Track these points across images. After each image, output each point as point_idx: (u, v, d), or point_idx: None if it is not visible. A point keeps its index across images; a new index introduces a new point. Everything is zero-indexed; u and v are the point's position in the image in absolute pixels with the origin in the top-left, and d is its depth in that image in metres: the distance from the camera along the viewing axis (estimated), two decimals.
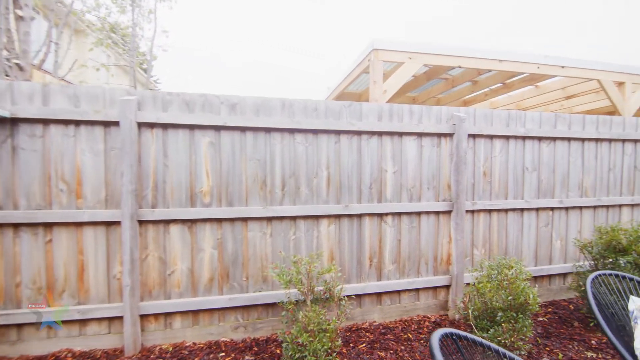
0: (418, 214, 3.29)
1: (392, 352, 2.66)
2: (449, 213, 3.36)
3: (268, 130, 2.91)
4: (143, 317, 2.70)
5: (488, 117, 3.45)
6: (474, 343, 1.26)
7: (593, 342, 2.82)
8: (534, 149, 3.62)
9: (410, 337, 2.90)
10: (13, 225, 2.49)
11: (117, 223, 2.63)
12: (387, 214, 3.20)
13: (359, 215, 3.14)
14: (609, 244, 2.99)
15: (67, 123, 2.55)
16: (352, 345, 2.74)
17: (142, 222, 2.68)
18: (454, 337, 1.21)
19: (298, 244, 3.01)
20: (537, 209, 3.66)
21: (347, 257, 3.12)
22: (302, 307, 2.54)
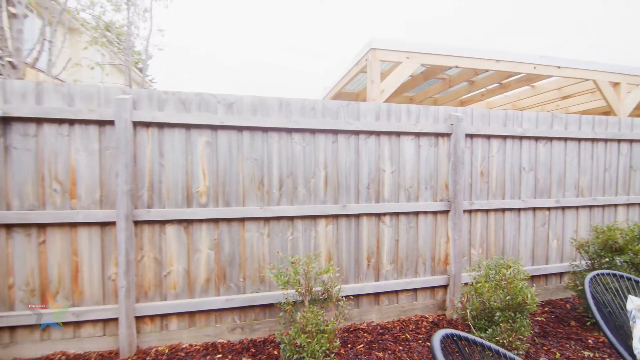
0: (416, 214, 3.28)
1: (390, 352, 2.65)
2: (447, 213, 3.36)
3: (265, 130, 2.89)
4: (139, 318, 2.67)
5: (485, 117, 3.45)
6: (475, 344, 1.25)
7: (590, 341, 2.83)
8: (531, 149, 3.63)
9: (409, 337, 2.89)
10: (6, 226, 2.45)
11: (112, 223, 2.60)
12: (384, 214, 3.19)
13: (357, 215, 3.13)
14: (606, 244, 3.00)
15: (61, 122, 2.51)
16: (350, 346, 2.73)
17: (137, 222, 2.64)
18: (455, 337, 1.20)
19: (296, 245, 2.99)
20: (534, 209, 3.67)
21: (344, 257, 3.11)
22: (299, 307, 2.52)
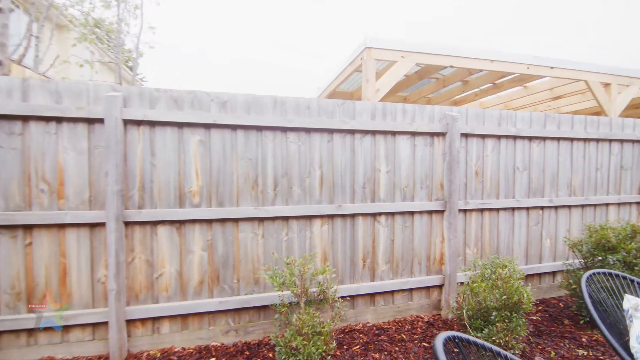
0: (411, 214, 3.27)
1: (386, 353, 2.63)
2: (442, 212, 3.35)
3: (260, 129, 2.84)
4: (129, 322, 2.60)
5: (480, 116, 3.46)
6: (476, 346, 1.23)
7: (584, 339, 2.85)
8: (525, 149, 3.65)
9: (404, 337, 2.87)
10: None
11: (101, 224, 2.52)
12: (380, 214, 3.17)
13: (353, 215, 3.10)
14: (599, 243, 3.03)
15: (48, 120, 2.43)
16: (345, 348, 2.70)
17: (128, 223, 2.57)
18: (457, 340, 1.18)
19: (290, 245, 2.95)
20: (527, 208, 3.69)
21: (340, 257, 3.08)
22: (295, 309, 2.48)
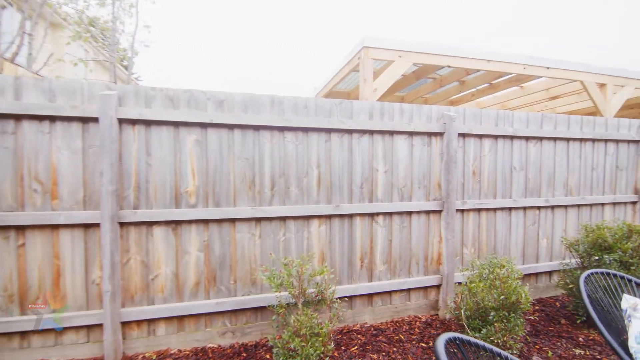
0: (409, 214, 3.26)
1: (384, 354, 2.61)
2: (440, 212, 3.35)
3: (257, 128, 2.82)
4: (124, 324, 2.56)
5: (477, 116, 3.46)
6: (476, 347, 1.22)
7: (580, 339, 2.86)
8: (522, 149, 3.66)
9: (402, 338, 2.86)
10: None
11: (96, 225, 2.49)
12: (378, 214, 3.16)
13: (350, 215, 3.09)
14: (595, 242, 3.04)
15: (41, 119, 2.39)
16: (343, 348, 2.68)
17: (123, 224, 2.54)
18: (457, 341, 1.17)
19: (288, 245, 2.93)
20: (524, 208, 3.70)
21: (338, 257, 3.06)
22: (293, 310, 2.46)
